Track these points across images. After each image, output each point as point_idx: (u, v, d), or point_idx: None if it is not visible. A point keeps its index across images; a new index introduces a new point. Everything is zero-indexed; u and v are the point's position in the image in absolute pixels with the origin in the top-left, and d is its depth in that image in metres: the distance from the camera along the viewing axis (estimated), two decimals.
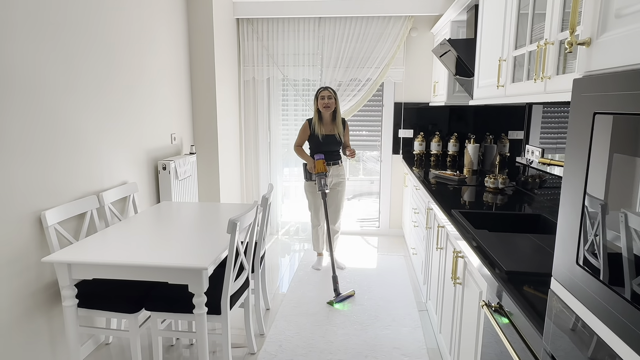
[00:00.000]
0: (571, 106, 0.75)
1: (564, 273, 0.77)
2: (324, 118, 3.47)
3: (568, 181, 0.77)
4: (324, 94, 3.41)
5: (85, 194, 2.36)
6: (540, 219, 2.13)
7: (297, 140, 3.58)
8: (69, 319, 1.93)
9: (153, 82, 3.06)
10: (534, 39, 1.78)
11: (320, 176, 3.36)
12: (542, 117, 2.76)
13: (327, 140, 3.48)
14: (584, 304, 0.71)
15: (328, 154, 3.50)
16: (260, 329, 2.60)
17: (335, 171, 3.57)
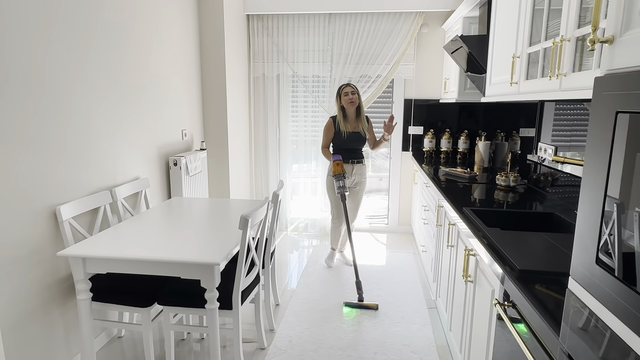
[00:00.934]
0: (592, 105, 0.75)
1: (583, 273, 0.77)
2: (348, 115, 3.41)
3: (588, 180, 0.76)
4: (347, 90, 3.35)
5: (98, 189, 2.39)
6: (553, 218, 2.11)
7: (323, 141, 3.51)
8: (83, 312, 1.96)
9: (164, 78, 3.08)
10: (549, 36, 1.76)
11: (339, 178, 3.24)
12: (555, 114, 2.73)
13: (352, 137, 3.41)
14: (603, 303, 0.70)
15: (352, 152, 3.44)
16: (270, 325, 2.62)
17: (359, 170, 3.50)
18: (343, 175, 3.24)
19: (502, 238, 1.68)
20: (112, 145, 2.50)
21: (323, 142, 3.50)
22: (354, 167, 3.47)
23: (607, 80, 0.70)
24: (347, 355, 2.36)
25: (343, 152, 3.40)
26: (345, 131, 3.37)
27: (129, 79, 2.64)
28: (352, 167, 3.46)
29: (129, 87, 2.65)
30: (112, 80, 2.47)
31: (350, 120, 3.42)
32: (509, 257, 1.46)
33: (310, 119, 4.49)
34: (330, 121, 3.45)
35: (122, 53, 2.56)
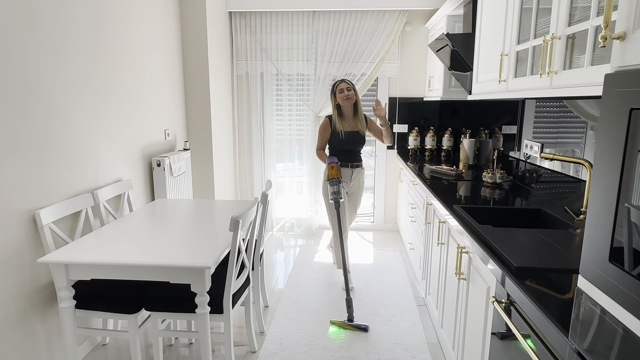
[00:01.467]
0: (602, 101, 0.74)
1: (594, 271, 0.77)
2: (344, 113, 3.15)
3: (599, 179, 0.75)
4: (342, 86, 3.11)
5: (79, 192, 2.30)
6: (541, 214, 2.14)
7: (318, 143, 3.23)
8: (67, 321, 1.88)
9: (146, 77, 2.99)
10: (538, 34, 1.78)
11: (333, 183, 2.94)
12: (535, 111, 2.78)
13: (350, 138, 3.15)
14: (618, 301, 0.70)
15: (350, 154, 3.18)
16: (260, 327, 2.58)
17: (358, 174, 3.23)
18: (338, 180, 2.95)
19: (495, 235, 1.69)
20: (93, 146, 2.41)
21: (318, 143, 3.24)
22: (353, 172, 3.22)
23: (620, 76, 0.70)
24: (339, 356, 2.34)
25: (340, 154, 3.16)
26: (342, 131, 3.12)
27: (109, 78, 2.55)
28: (351, 171, 3.21)
29: (110, 86, 2.56)
30: (92, 79, 2.38)
31: (347, 118, 3.17)
32: (505, 255, 1.47)
33: (295, 117, 4.45)
34: (326, 121, 3.19)
35: (102, 52, 2.47)
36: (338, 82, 3.16)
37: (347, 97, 3.09)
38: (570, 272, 1.34)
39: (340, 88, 3.12)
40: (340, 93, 3.11)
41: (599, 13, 1.34)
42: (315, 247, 4.13)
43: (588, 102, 2.14)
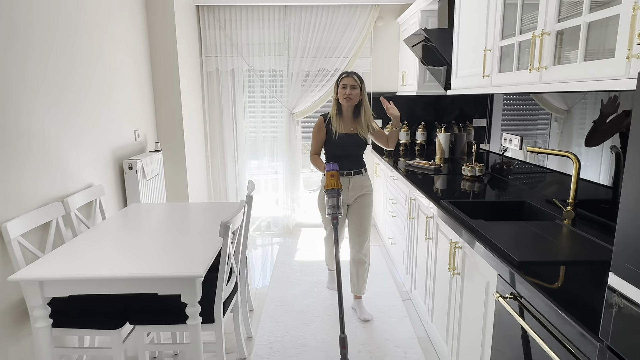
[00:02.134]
0: (636, 96, 0.74)
1: (629, 269, 0.76)
2: (343, 112, 2.67)
3: (633, 178, 0.75)
4: (346, 82, 2.59)
5: (48, 201, 2.12)
6: (525, 205, 2.19)
7: (312, 146, 2.74)
8: (43, 342, 1.73)
9: (113, 76, 2.81)
10: (524, 30, 1.80)
11: (330, 194, 2.40)
12: (503, 105, 2.86)
13: (346, 141, 2.65)
14: None
15: (347, 159, 2.67)
16: (247, 332, 2.50)
17: (358, 182, 2.71)
18: (338, 192, 2.41)
19: (490, 229, 1.71)
20: (60, 150, 2.23)
21: (312, 147, 2.74)
22: (350, 181, 2.70)
23: None
24: (332, 357, 2.31)
25: (336, 159, 2.65)
26: (337, 131, 2.63)
27: (75, 78, 2.37)
28: (347, 180, 2.69)
29: (76, 86, 2.38)
30: (57, 79, 2.20)
31: (346, 118, 2.68)
32: (505, 249, 1.48)
33: (268, 114, 4.35)
34: (321, 120, 2.71)
35: (66, 50, 2.29)
36: (344, 75, 2.63)
37: (348, 96, 2.58)
38: (571, 264, 1.37)
39: (344, 84, 2.60)
40: (342, 89, 2.60)
41: (591, 9, 1.36)
42: (294, 245, 4.07)
43: (553, 96, 2.21)
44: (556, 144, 2.20)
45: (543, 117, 2.33)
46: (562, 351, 1.07)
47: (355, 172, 2.71)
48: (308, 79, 4.16)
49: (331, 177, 2.43)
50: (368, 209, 2.76)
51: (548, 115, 2.28)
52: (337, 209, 2.40)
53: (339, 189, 2.42)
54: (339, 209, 2.40)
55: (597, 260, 1.38)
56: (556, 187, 2.17)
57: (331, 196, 2.40)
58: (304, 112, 4.25)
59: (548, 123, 2.29)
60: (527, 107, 2.52)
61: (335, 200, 2.40)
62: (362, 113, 2.65)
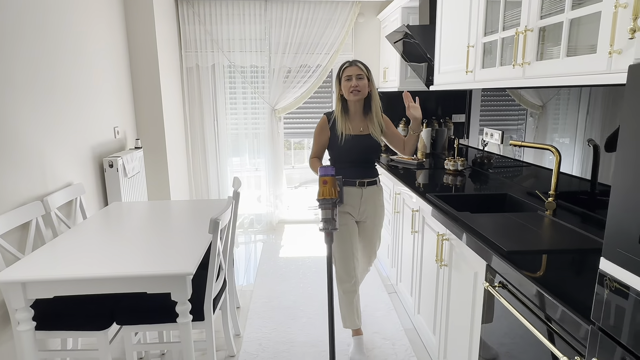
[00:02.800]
0: (627, 92, 0.77)
1: (620, 253, 0.80)
2: (351, 109, 2.20)
3: (623, 168, 0.79)
4: (350, 72, 2.13)
5: (27, 200, 2.05)
6: (507, 198, 2.26)
7: (313, 149, 2.29)
8: (27, 345, 1.68)
9: (90, 71, 2.72)
10: (507, 26, 1.85)
11: (324, 205, 1.94)
12: (481, 100, 2.94)
13: (356, 144, 2.18)
14: None
15: (358, 166, 2.22)
16: (235, 329, 2.49)
17: (372, 195, 2.25)
18: (332, 202, 1.94)
19: (476, 221, 1.75)
20: (39, 148, 2.15)
21: (312, 150, 2.29)
22: (363, 193, 2.22)
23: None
24: (321, 351, 2.33)
25: (344, 167, 2.21)
26: (343, 133, 2.18)
27: (52, 73, 2.29)
28: (359, 192, 2.21)
29: (53, 82, 2.30)
30: (30, 75, 2.12)
31: (354, 116, 2.21)
32: (493, 240, 1.52)
33: (250, 110, 4.32)
34: (324, 120, 2.25)
35: (38, 44, 2.21)
36: (346, 65, 2.17)
37: (354, 88, 2.12)
38: (556, 252, 1.42)
39: (348, 74, 2.14)
40: (346, 81, 2.14)
41: (573, 7, 1.41)
42: (278, 242, 4.06)
43: (529, 92, 2.29)
44: (532, 138, 2.27)
45: (519, 112, 2.40)
46: (553, 335, 1.12)
47: (369, 182, 2.23)
48: (290, 75, 4.15)
49: (324, 185, 1.95)
50: (379, 228, 2.36)
51: (524, 110, 2.35)
52: (331, 223, 1.95)
53: (334, 198, 1.95)
54: (334, 223, 1.96)
55: (580, 249, 1.44)
56: (534, 180, 2.24)
57: (325, 207, 1.94)
58: (286, 109, 4.23)
59: (524, 118, 2.36)
60: (504, 103, 2.60)
61: (329, 213, 1.94)
62: (372, 109, 2.21)
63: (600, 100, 1.73)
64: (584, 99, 1.83)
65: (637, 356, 0.79)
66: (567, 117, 1.95)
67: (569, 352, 1.04)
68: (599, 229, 1.63)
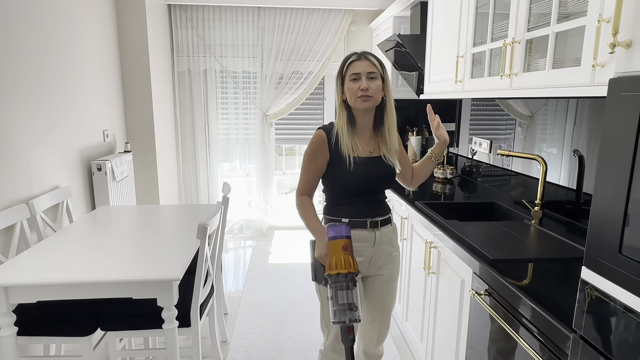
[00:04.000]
0: (608, 105, 0.79)
1: (601, 263, 0.82)
2: (359, 121, 1.57)
3: (604, 179, 0.81)
4: (358, 69, 1.48)
5: (12, 203, 2.02)
6: (494, 206, 2.28)
7: (302, 180, 1.61)
8: (8, 351, 1.64)
9: (80, 74, 2.71)
10: (495, 37, 1.88)
11: (339, 285, 1.35)
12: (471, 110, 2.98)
13: (368, 169, 1.55)
14: (630, 290, 0.75)
15: (370, 200, 1.60)
16: (223, 336, 2.47)
17: (386, 239, 1.63)
18: (352, 278, 1.37)
19: (463, 229, 1.77)
20: (25, 150, 2.13)
21: (301, 182, 1.61)
22: (376, 236, 1.60)
23: (627, 81, 0.75)
24: (308, 358, 2.31)
25: (349, 201, 1.59)
26: (350, 156, 1.53)
27: (41, 75, 2.27)
28: (371, 235, 1.59)
29: (42, 84, 2.28)
30: (22, 77, 2.10)
31: (362, 131, 1.59)
32: (479, 248, 1.54)
33: (241, 116, 4.31)
34: (322, 137, 1.55)
35: (33, 48, 2.19)
36: (353, 56, 1.52)
37: (365, 93, 1.47)
38: (541, 261, 1.44)
39: (355, 72, 1.49)
40: (353, 82, 1.49)
41: (559, 20, 1.44)
42: (267, 248, 4.05)
43: (517, 102, 2.33)
44: (520, 148, 2.31)
45: (508, 122, 2.44)
46: (536, 344, 1.13)
47: (382, 220, 1.62)
48: (282, 81, 4.16)
49: (343, 251, 1.37)
50: (395, 284, 1.71)
51: (513, 120, 2.39)
52: (354, 311, 1.33)
53: (356, 272, 1.37)
54: (357, 310, 1.34)
55: (565, 257, 1.46)
56: (521, 189, 2.27)
57: (340, 287, 1.35)
58: (277, 114, 4.24)
59: (513, 128, 2.40)
60: (493, 112, 2.63)
61: (350, 296, 1.34)
62: (385, 122, 1.58)
63: (587, 111, 1.77)
64: (571, 110, 1.87)
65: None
66: (555, 127, 1.98)
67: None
68: (583, 238, 1.65)
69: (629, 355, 0.77)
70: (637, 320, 0.75)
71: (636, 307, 0.75)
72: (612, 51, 0.76)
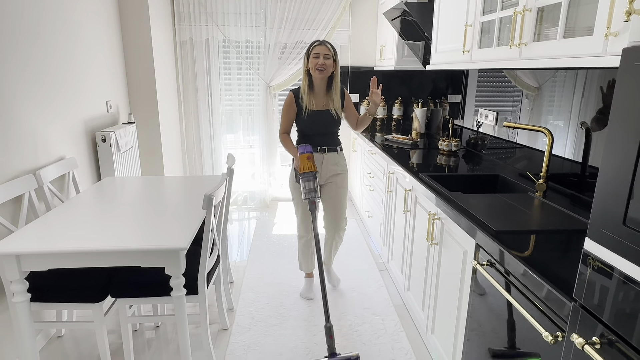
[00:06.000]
0: (620, 75, 0.78)
1: (605, 234, 0.83)
2: (315, 86, 2.44)
3: (612, 151, 0.80)
4: (318, 51, 2.33)
5: (19, 174, 2.04)
6: (499, 179, 2.28)
7: (282, 125, 2.53)
8: (22, 316, 1.70)
9: (81, 43, 2.67)
10: (505, 5, 1.83)
11: (306, 178, 2.30)
12: (477, 81, 2.93)
13: (318, 118, 2.45)
14: (633, 261, 0.76)
15: (320, 137, 2.49)
16: (229, 304, 2.54)
17: (332, 160, 2.52)
18: (314, 175, 2.32)
19: (467, 201, 1.78)
20: (30, 122, 2.13)
21: (281, 126, 2.53)
22: (324, 157, 2.51)
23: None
24: (312, 325, 2.38)
25: (308, 138, 2.50)
26: (307, 108, 2.44)
27: (44, 45, 2.24)
28: (320, 157, 2.50)
29: (45, 54, 2.25)
30: (26, 48, 2.07)
31: (318, 92, 2.46)
32: (483, 220, 1.55)
33: (244, 87, 4.27)
34: (291, 97, 2.47)
35: (36, 19, 2.15)
36: (316, 43, 2.38)
37: (320, 66, 2.33)
38: (544, 233, 1.45)
39: (316, 52, 2.34)
40: (314, 58, 2.35)
41: None
42: (271, 219, 4.09)
43: (525, 73, 2.29)
44: (527, 120, 2.28)
45: (515, 94, 2.40)
46: (536, 312, 1.16)
47: (329, 149, 2.51)
48: (285, 51, 4.09)
49: (307, 160, 2.32)
50: (343, 191, 2.59)
51: (520, 92, 2.35)
52: (315, 192, 2.31)
53: (315, 171, 2.32)
54: (316, 192, 2.31)
55: (568, 229, 1.47)
56: (526, 162, 2.27)
57: (307, 179, 2.30)
58: (281, 85, 4.19)
59: (519, 100, 2.37)
60: (500, 84, 2.59)
61: (312, 184, 2.30)
62: (333, 87, 2.45)
63: (596, 83, 1.74)
64: (580, 81, 1.84)
65: (615, 331, 0.83)
66: (562, 99, 1.96)
67: (551, 328, 1.08)
68: (587, 210, 1.66)
69: (626, 323, 0.79)
70: (638, 290, 0.76)
71: (638, 277, 0.76)
72: (628, 19, 0.75)
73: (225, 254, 2.55)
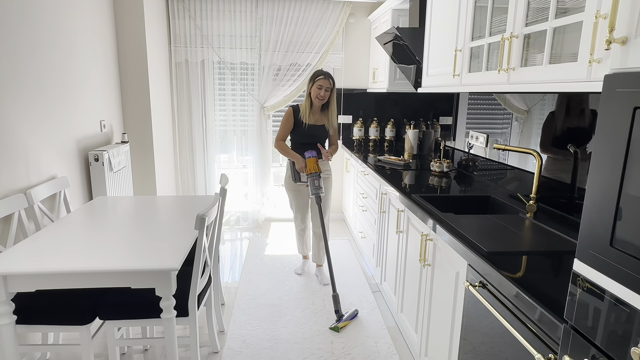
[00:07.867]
0: (602, 100, 0.81)
1: (593, 255, 0.84)
2: (314, 106, 3.04)
3: (597, 173, 0.82)
4: (321, 84, 2.92)
5: (9, 193, 2.02)
6: (490, 200, 2.31)
7: (279, 133, 3.08)
8: (7, 340, 1.66)
9: (77, 63, 2.69)
10: (493, 32, 1.89)
11: (314, 177, 2.92)
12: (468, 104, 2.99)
13: (314, 130, 3.05)
14: (620, 282, 0.77)
15: (313, 146, 3.07)
16: (220, 326, 2.49)
17: (323, 166, 3.13)
18: (318, 175, 2.92)
19: (459, 222, 1.79)
20: (23, 140, 2.12)
21: (279, 134, 3.07)
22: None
23: (622, 77, 0.76)
24: (304, 348, 2.35)
25: (303, 146, 3.05)
26: (306, 123, 3.02)
27: (38, 64, 2.26)
28: None
29: (39, 73, 2.27)
30: (19, 66, 2.09)
31: (315, 111, 3.06)
32: (474, 241, 1.56)
33: (239, 107, 4.31)
34: (290, 111, 3.05)
35: (30, 36, 2.18)
36: (321, 76, 2.93)
37: (322, 97, 2.95)
38: (535, 254, 1.46)
39: (319, 84, 2.92)
40: (317, 89, 2.93)
41: (557, 15, 1.45)
42: (264, 240, 4.07)
43: (514, 97, 2.34)
44: (517, 142, 2.32)
45: (505, 116, 2.45)
46: (528, 334, 1.15)
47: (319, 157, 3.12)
48: (280, 73, 4.15)
49: (315, 163, 2.93)
50: (329, 191, 3.22)
51: (510, 114, 2.40)
52: (320, 189, 2.93)
53: (320, 172, 2.93)
54: (321, 189, 2.94)
55: (558, 251, 1.48)
56: (517, 183, 2.30)
57: (314, 178, 2.93)
58: (275, 106, 4.24)
59: (509, 122, 2.41)
60: (490, 106, 2.65)
61: (318, 182, 2.93)
62: (330, 110, 3.04)
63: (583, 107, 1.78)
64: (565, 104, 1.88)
65: (607, 354, 0.83)
66: (551, 122, 2.00)
67: (544, 350, 1.08)
68: (576, 231, 1.68)
69: (617, 344, 0.80)
70: (627, 312, 0.77)
71: (626, 299, 0.77)
72: (608, 47, 0.78)
73: (216, 275, 2.52)
